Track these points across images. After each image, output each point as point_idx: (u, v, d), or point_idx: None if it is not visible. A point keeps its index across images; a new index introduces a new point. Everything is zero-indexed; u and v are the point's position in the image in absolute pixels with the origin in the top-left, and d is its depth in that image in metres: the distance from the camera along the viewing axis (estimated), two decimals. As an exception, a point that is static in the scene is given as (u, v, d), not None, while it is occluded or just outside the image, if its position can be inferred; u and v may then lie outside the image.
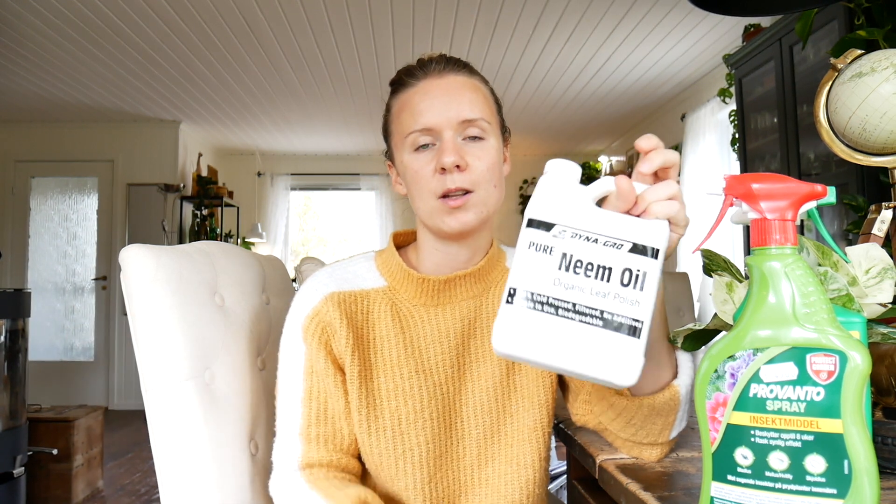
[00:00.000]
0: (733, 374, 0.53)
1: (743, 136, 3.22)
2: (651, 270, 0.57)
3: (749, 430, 0.52)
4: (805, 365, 0.51)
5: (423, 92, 0.85)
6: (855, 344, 0.50)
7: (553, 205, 0.60)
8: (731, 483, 0.53)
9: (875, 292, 0.68)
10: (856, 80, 0.82)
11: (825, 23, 2.47)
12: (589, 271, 0.57)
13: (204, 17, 3.49)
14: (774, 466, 0.51)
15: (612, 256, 0.57)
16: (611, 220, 0.59)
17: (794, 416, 0.51)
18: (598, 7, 3.42)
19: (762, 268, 0.53)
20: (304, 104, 5.13)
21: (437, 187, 0.82)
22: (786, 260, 0.53)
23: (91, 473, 3.22)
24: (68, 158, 5.65)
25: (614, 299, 0.56)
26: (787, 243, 0.53)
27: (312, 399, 0.84)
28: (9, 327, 2.71)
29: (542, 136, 6.27)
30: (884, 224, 0.82)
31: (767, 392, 0.51)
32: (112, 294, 5.62)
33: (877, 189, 2.32)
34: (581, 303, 0.56)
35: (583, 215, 0.59)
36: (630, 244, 0.58)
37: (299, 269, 1.30)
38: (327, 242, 9.77)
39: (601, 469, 0.79)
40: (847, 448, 0.49)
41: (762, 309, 0.53)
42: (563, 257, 0.58)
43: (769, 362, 0.52)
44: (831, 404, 0.50)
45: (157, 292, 0.83)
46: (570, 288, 0.57)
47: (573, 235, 0.58)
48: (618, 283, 0.57)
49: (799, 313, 0.51)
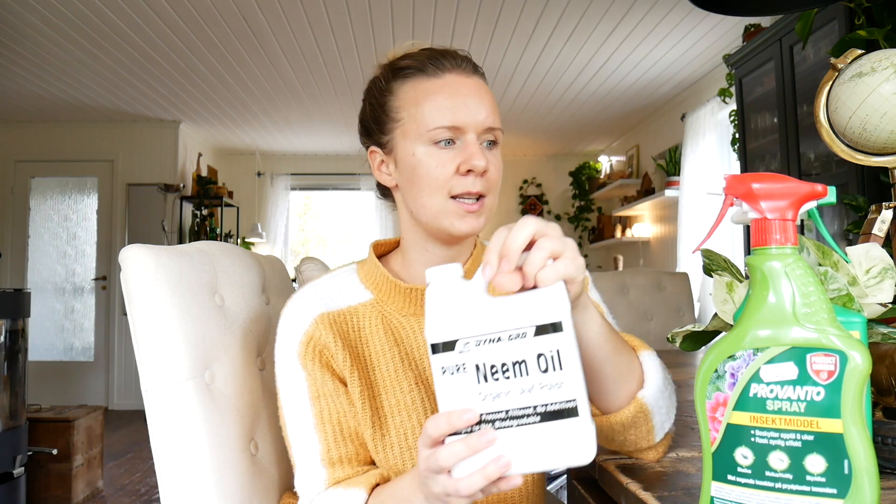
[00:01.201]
0: (733, 374, 0.53)
1: (743, 136, 3.22)
2: (563, 344, 0.56)
3: (749, 430, 0.52)
4: (805, 365, 0.51)
5: (452, 86, 0.81)
6: (855, 344, 0.50)
7: (447, 318, 0.59)
8: (731, 483, 0.53)
9: (875, 292, 0.68)
10: (856, 79, 0.81)
11: (825, 23, 2.47)
12: (506, 372, 0.57)
13: (204, 17, 3.49)
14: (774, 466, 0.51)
15: (521, 348, 0.57)
16: (507, 307, 0.58)
17: (794, 416, 0.50)
18: (598, 7, 3.42)
19: (762, 268, 0.53)
20: (304, 104, 5.13)
21: (456, 187, 0.80)
22: (786, 260, 0.52)
23: (91, 473, 3.22)
24: (68, 158, 5.65)
25: (541, 390, 0.56)
26: (788, 243, 0.53)
27: (325, 423, 0.81)
28: (9, 327, 2.71)
29: (542, 136, 6.27)
30: (884, 224, 0.82)
31: (767, 392, 0.51)
32: (112, 294, 5.62)
33: (877, 189, 2.32)
34: (512, 407, 0.57)
35: (479, 315, 0.58)
36: (532, 328, 0.57)
37: (299, 269, 1.30)
38: (327, 242, 9.77)
39: (601, 469, 0.79)
40: (847, 448, 0.49)
41: (762, 309, 0.52)
42: (477, 369, 0.58)
43: (769, 362, 0.52)
44: (831, 404, 0.49)
45: (157, 292, 0.83)
46: (496, 397, 0.57)
47: (477, 343, 0.58)
48: (537, 372, 0.56)
49: (799, 313, 0.51)
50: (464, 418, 0.57)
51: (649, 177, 5.48)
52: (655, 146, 5.50)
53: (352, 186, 7.00)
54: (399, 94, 0.84)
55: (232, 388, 0.90)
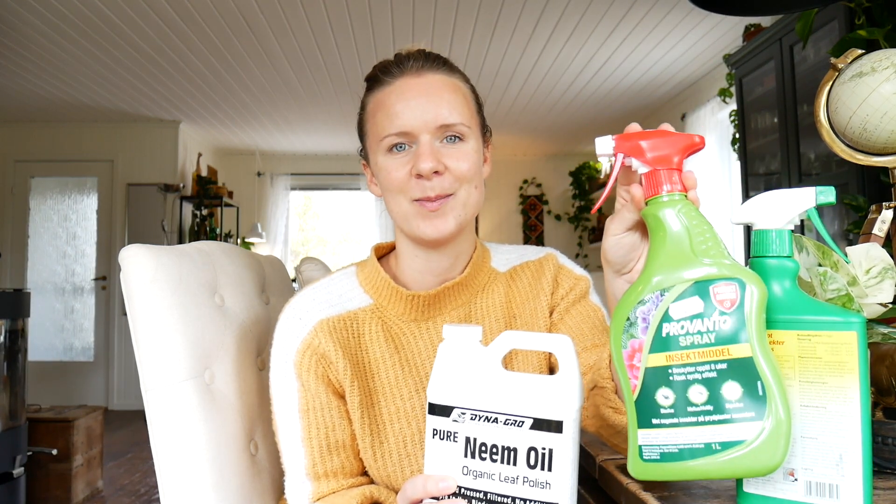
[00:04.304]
0: (645, 319, 0.55)
1: (743, 135, 3.22)
2: (557, 445, 0.54)
3: (667, 370, 0.54)
4: (709, 296, 0.53)
5: (399, 92, 0.80)
6: (747, 273, 0.53)
7: (453, 382, 0.57)
8: (656, 426, 0.54)
9: (875, 292, 0.68)
10: (856, 79, 0.81)
11: (825, 22, 2.47)
12: (494, 455, 0.55)
13: (204, 17, 3.49)
14: (695, 400, 0.53)
15: (515, 436, 0.55)
16: (515, 387, 0.56)
17: (706, 348, 0.53)
18: (598, 7, 3.42)
19: (657, 215, 0.56)
20: (304, 104, 5.13)
21: (413, 191, 0.79)
22: (676, 206, 0.56)
23: (91, 473, 3.22)
24: (68, 158, 5.65)
25: (524, 484, 0.54)
26: (675, 189, 0.56)
27: (313, 437, 0.80)
28: (8, 327, 2.71)
29: (542, 136, 6.27)
30: (884, 224, 0.82)
31: (679, 329, 0.54)
32: (112, 294, 5.62)
33: (877, 189, 2.32)
34: (492, 491, 0.55)
35: (484, 388, 0.56)
36: (531, 420, 0.55)
37: (299, 269, 1.30)
38: (327, 242, 9.77)
39: (601, 469, 0.79)
40: (757, 370, 0.51)
41: (663, 252, 0.55)
42: (467, 443, 0.56)
43: (676, 300, 0.54)
44: (738, 329, 0.52)
45: (157, 292, 0.83)
46: (479, 476, 0.56)
47: (472, 417, 0.56)
48: (524, 465, 0.54)
49: (697, 250, 0.54)
50: (439, 486, 0.57)
51: (649, 177, 5.48)
52: (655, 146, 5.49)
53: (352, 186, 7.00)
54: (366, 108, 0.86)
55: (232, 388, 0.90)
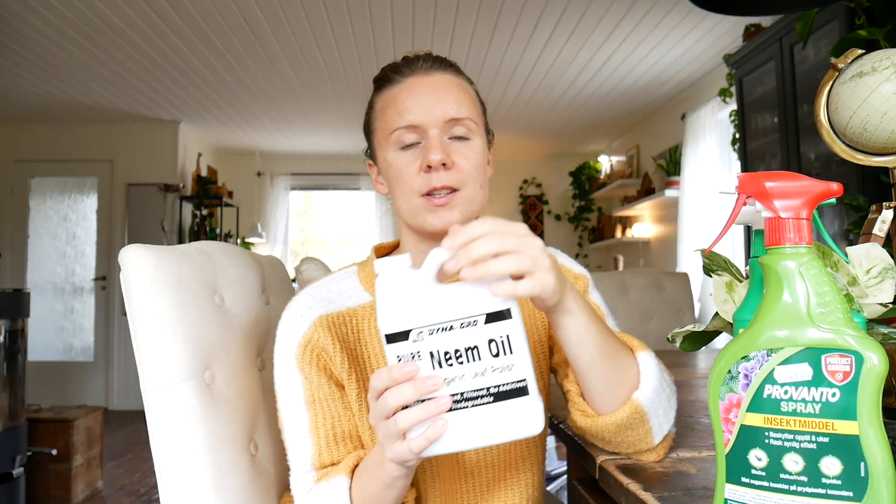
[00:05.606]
0: (747, 375, 0.52)
1: (743, 135, 3.22)
2: (512, 330, 0.61)
3: (763, 432, 0.52)
4: (820, 366, 0.50)
5: (409, 89, 0.84)
6: (871, 344, 0.49)
7: (399, 308, 0.61)
8: (744, 485, 0.52)
9: (875, 292, 0.67)
10: (856, 79, 0.81)
11: (825, 22, 2.47)
12: (459, 357, 0.61)
13: (204, 17, 3.49)
14: (789, 468, 0.51)
15: (473, 335, 0.61)
16: (458, 296, 0.61)
17: (809, 418, 0.50)
18: (598, 7, 3.42)
19: (777, 267, 0.52)
20: (304, 104, 5.13)
21: (422, 185, 0.81)
22: (801, 259, 0.52)
23: (90, 474, 3.22)
24: (67, 158, 5.65)
25: (493, 372, 0.61)
26: (802, 242, 0.52)
27: (318, 427, 0.81)
28: (8, 327, 2.71)
29: (542, 136, 6.27)
30: (884, 224, 0.82)
31: (782, 393, 0.51)
32: (111, 294, 5.62)
33: (877, 189, 2.32)
34: (466, 389, 0.61)
35: (430, 304, 0.61)
36: (483, 316, 0.61)
37: (299, 269, 1.30)
38: (327, 242, 9.77)
39: (601, 469, 0.79)
40: (864, 450, 0.48)
41: (777, 309, 0.52)
42: (431, 356, 0.61)
43: (784, 363, 0.51)
44: (847, 406, 0.49)
45: (157, 292, 0.83)
46: (451, 381, 0.61)
47: (430, 332, 0.61)
48: (488, 356, 0.61)
49: (814, 313, 0.51)
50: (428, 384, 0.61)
51: (649, 177, 5.48)
52: (655, 146, 5.50)
53: (352, 186, 7.00)
54: (374, 107, 0.89)
55: (232, 389, 0.90)
